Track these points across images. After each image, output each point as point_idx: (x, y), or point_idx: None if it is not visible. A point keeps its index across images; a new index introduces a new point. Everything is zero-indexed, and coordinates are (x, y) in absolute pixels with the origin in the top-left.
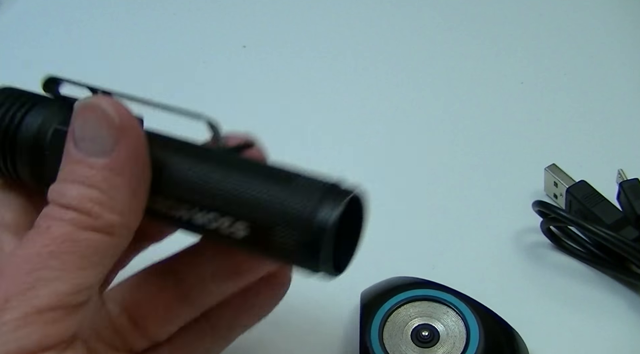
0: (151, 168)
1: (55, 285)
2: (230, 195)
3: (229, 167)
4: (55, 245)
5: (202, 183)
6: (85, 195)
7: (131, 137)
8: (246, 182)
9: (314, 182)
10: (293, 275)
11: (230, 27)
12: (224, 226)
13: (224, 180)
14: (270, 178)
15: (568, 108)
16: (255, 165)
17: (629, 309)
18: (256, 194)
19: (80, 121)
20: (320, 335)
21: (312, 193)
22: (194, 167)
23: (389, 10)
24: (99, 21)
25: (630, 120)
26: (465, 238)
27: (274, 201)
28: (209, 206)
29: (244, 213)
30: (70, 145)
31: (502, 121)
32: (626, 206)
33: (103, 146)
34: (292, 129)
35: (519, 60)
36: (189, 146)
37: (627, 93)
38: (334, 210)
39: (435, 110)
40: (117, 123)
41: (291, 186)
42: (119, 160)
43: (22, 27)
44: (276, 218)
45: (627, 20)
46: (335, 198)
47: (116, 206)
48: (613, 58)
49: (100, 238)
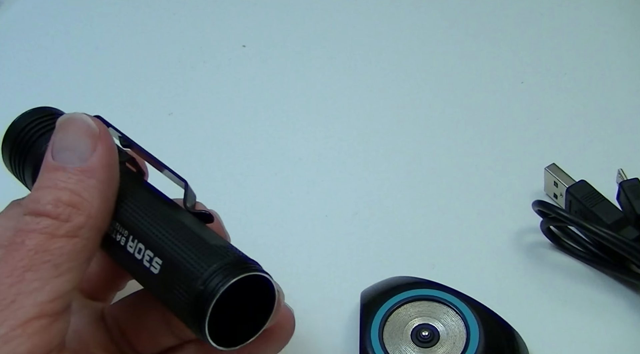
0: (118, 187)
1: (35, 295)
2: (160, 234)
3: (173, 217)
4: (29, 257)
5: (146, 217)
6: (58, 197)
7: (105, 146)
8: (177, 230)
9: (226, 254)
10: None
11: (230, 27)
12: (146, 260)
13: (163, 222)
14: (198, 236)
15: (568, 108)
16: (194, 224)
17: (629, 309)
18: (178, 244)
19: (61, 134)
20: (320, 335)
21: (215, 262)
22: (147, 203)
23: (389, 10)
24: (99, 21)
25: (630, 120)
26: (465, 238)
27: (185, 255)
28: (139, 236)
29: (162, 253)
30: (49, 156)
31: (502, 121)
32: (626, 206)
33: (80, 154)
34: (292, 129)
35: (519, 60)
36: (157, 194)
37: (627, 93)
38: (223, 283)
39: (435, 110)
40: (95, 132)
41: (205, 250)
42: (92, 165)
43: (22, 27)
44: (179, 270)
45: (627, 20)
46: (233, 272)
47: (86, 207)
48: (613, 58)
49: (71, 243)
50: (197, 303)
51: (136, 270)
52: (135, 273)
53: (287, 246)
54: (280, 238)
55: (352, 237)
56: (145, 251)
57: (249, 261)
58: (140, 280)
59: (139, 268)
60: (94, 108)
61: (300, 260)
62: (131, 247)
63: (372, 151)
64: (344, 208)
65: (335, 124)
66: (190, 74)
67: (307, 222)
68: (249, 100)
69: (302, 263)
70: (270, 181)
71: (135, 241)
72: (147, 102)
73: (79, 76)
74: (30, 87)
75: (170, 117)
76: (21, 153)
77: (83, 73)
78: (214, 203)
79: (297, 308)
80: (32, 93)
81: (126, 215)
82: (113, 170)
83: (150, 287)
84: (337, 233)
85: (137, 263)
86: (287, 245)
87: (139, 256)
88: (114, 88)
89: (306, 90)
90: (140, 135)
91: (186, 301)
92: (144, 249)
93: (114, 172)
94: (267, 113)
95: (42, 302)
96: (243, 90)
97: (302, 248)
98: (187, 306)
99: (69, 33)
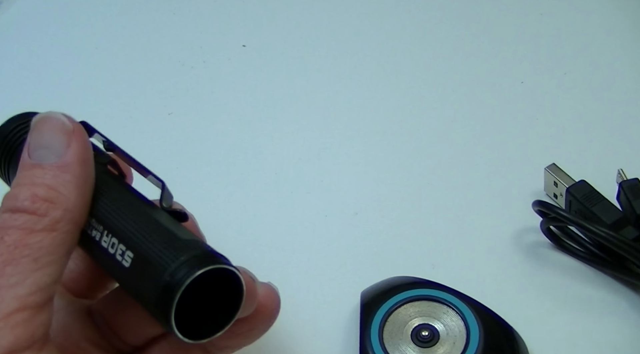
0: (94, 182)
1: (16, 289)
2: (133, 229)
3: (148, 214)
4: (9, 252)
5: (120, 212)
6: (35, 193)
7: (79, 142)
8: (150, 226)
9: (195, 248)
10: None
11: (230, 27)
12: (119, 253)
13: (136, 217)
14: (170, 231)
15: (568, 108)
16: (168, 221)
17: (629, 309)
18: (149, 238)
19: (36, 132)
20: (320, 335)
21: (183, 255)
22: (122, 199)
23: (389, 10)
24: (99, 21)
25: (630, 120)
26: (465, 238)
27: (156, 247)
28: (113, 231)
29: (134, 246)
30: (25, 156)
31: (502, 121)
32: (626, 206)
33: (56, 150)
34: (292, 129)
35: (519, 60)
36: (134, 193)
37: (627, 93)
38: (189, 275)
39: (436, 110)
40: (69, 128)
41: (175, 244)
42: (67, 160)
43: (22, 27)
44: (149, 263)
45: (627, 20)
46: (199, 264)
47: (63, 201)
48: (613, 58)
49: (49, 237)
50: (164, 294)
51: (109, 264)
52: (108, 268)
53: (287, 246)
54: (281, 238)
55: (352, 237)
56: (119, 245)
57: (217, 255)
58: (112, 274)
59: (112, 262)
60: (94, 108)
61: (300, 259)
62: (105, 242)
63: (372, 151)
64: (344, 208)
65: (335, 124)
66: (190, 74)
67: (307, 222)
68: (249, 100)
69: (302, 263)
70: (270, 181)
71: (110, 236)
72: (147, 102)
73: (78, 76)
74: (30, 87)
75: (170, 117)
76: (6, 157)
77: (83, 73)
78: (213, 203)
79: (297, 308)
80: (32, 93)
81: (102, 211)
82: (88, 165)
83: (121, 281)
84: (337, 233)
85: (110, 258)
86: (287, 245)
87: (112, 250)
88: (114, 88)
89: (306, 90)
90: (140, 135)
91: (154, 293)
92: (117, 243)
93: (89, 167)
94: (267, 113)
95: (23, 295)
96: (243, 90)
97: (302, 248)
98: (155, 298)
99: (69, 33)
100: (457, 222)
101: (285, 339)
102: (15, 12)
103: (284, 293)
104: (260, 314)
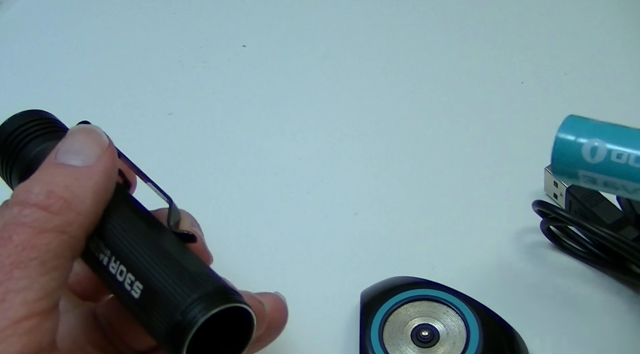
0: (110, 198)
1: (24, 294)
2: (142, 259)
3: (156, 241)
4: (17, 253)
5: (129, 239)
6: (51, 189)
7: (110, 157)
8: (159, 256)
9: (205, 283)
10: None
11: (230, 27)
12: (127, 282)
13: (146, 246)
14: (179, 263)
15: (568, 108)
16: (177, 249)
17: (629, 309)
18: (159, 270)
19: (70, 139)
20: (320, 335)
21: (195, 291)
22: (130, 225)
23: (389, 10)
24: (99, 21)
25: (630, 120)
26: (465, 238)
27: (167, 281)
28: (122, 258)
29: (143, 278)
30: (52, 156)
31: (502, 121)
32: (626, 206)
33: (85, 158)
34: (292, 129)
35: (519, 60)
36: (140, 211)
37: (627, 93)
38: (202, 314)
39: (435, 110)
40: (105, 143)
41: (186, 278)
42: (93, 168)
43: (22, 27)
44: (160, 298)
45: (627, 20)
46: (212, 303)
47: (78, 205)
48: (613, 58)
49: (59, 239)
50: (175, 333)
51: (117, 291)
52: (116, 293)
53: (287, 246)
54: (281, 238)
55: (352, 237)
56: (127, 274)
57: (228, 290)
58: (121, 300)
59: (120, 290)
60: (93, 108)
61: (300, 259)
62: (113, 268)
63: (373, 151)
64: (344, 208)
65: (336, 124)
66: (190, 74)
67: (307, 222)
68: (248, 100)
69: (302, 263)
70: (270, 181)
71: (118, 262)
72: (147, 102)
73: (78, 76)
74: (30, 87)
75: (170, 117)
76: (10, 156)
77: (83, 73)
78: (213, 203)
79: (298, 308)
80: (31, 93)
81: (110, 234)
82: (112, 179)
83: (130, 309)
84: (337, 233)
85: (119, 285)
86: (287, 245)
87: (120, 278)
88: (114, 88)
89: (306, 90)
90: (140, 135)
91: (165, 330)
92: (125, 272)
93: (111, 181)
94: (267, 113)
95: (31, 301)
96: (243, 90)
97: (302, 248)
98: (166, 335)
99: (69, 33)
100: (457, 222)
101: (285, 339)
102: (15, 12)
103: (284, 293)
104: (268, 328)
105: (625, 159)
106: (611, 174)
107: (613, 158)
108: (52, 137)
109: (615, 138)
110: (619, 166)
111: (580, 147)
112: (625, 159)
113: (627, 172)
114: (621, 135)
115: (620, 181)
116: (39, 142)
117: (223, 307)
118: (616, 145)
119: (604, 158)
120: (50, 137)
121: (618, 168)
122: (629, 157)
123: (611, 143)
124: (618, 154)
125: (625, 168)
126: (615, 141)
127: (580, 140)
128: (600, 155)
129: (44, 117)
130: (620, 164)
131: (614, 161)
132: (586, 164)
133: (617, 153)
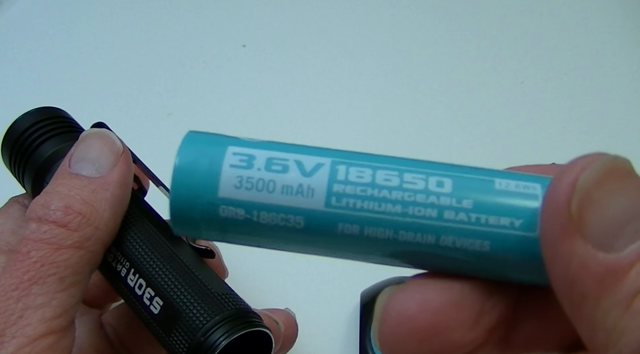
0: (127, 209)
1: (43, 311)
2: (163, 275)
3: (175, 256)
4: (35, 269)
5: (148, 252)
6: (69, 204)
7: (125, 165)
8: (180, 272)
9: (227, 305)
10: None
11: (230, 27)
12: (146, 297)
13: (166, 260)
14: (201, 281)
15: (568, 108)
16: (196, 265)
17: None
18: (180, 288)
19: (83, 145)
20: (320, 335)
21: (218, 314)
22: (149, 236)
23: (389, 10)
24: (99, 21)
25: (630, 120)
26: None
27: (189, 300)
28: (141, 271)
29: (163, 294)
30: (65, 164)
31: (502, 121)
32: None
33: (100, 167)
34: (292, 129)
35: (519, 60)
36: (158, 221)
37: (627, 93)
38: (224, 338)
39: (435, 110)
40: (119, 150)
41: (208, 298)
42: (109, 179)
43: (22, 27)
44: (180, 317)
45: (627, 20)
46: (234, 326)
47: (96, 219)
48: (613, 58)
49: (77, 255)
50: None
51: (134, 303)
52: (133, 306)
53: None
54: None
55: None
56: (146, 288)
57: (248, 312)
58: (138, 314)
59: (139, 303)
60: (93, 108)
61: (300, 260)
62: (132, 280)
63: (373, 151)
64: None
65: (336, 124)
66: (190, 74)
67: None
68: (249, 100)
69: (302, 263)
70: None
71: (137, 275)
72: (147, 102)
73: (78, 76)
74: (30, 87)
75: (170, 117)
76: (23, 155)
77: (83, 73)
78: None
79: (297, 309)
80: (32, 93)
81: (128, 245)
82: (127, 189)
83: (147, 324)
84: None
85: (137, 299)
86: None
87: (139, 291)
88: (114, 88)
89: (306, 90)
90: (140, 135)
91: (184, 349)
92: (144, 286)
93: (127, 192)
94: (267, 113)
95: (49, 318)
96: (243, 90)
97: None
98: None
99: (69, 33)
100: None
101: None
102: (15, 12)
103: (284, 292)
104: (282, 345)
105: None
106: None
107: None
108: (67, 138)
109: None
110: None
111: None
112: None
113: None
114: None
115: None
116: (54, 143)
117: (244, 332)
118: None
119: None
120: (65, 137)
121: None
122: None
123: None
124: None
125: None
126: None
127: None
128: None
129: (58, 115)
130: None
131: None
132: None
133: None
